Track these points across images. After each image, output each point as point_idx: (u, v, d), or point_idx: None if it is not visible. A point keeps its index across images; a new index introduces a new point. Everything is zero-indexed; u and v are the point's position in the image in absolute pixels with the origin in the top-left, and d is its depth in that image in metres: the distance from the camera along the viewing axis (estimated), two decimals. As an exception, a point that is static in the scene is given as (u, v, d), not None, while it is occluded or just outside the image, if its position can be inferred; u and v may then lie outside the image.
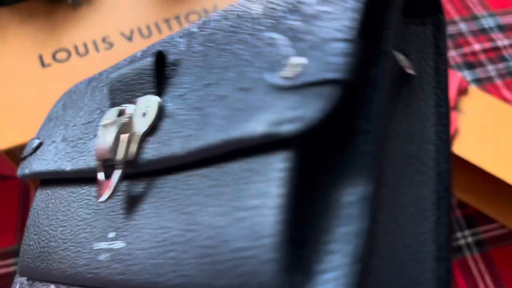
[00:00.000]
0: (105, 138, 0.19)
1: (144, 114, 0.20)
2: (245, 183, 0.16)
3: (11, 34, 0.48)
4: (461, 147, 0.44)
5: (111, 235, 0.20)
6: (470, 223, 0.45)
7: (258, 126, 0.16)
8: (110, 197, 0.19)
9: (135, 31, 0.48)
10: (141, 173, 0.20)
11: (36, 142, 0.27)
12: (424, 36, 0.23)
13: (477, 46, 0.58)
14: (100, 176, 0.20)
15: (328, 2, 0.17)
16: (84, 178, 0.23)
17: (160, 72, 0.22)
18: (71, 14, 0.50)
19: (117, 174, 0.19)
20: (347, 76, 0.15)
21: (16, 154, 0.42)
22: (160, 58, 0.22)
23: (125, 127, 0.20)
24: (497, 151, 0.44)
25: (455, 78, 0.49)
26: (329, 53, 0.15)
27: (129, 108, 0.21)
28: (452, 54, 0.57)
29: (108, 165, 0.20)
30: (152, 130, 0.20)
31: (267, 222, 0.15)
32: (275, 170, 0.16)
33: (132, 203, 0.20)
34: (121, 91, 0.21)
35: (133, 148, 0.19)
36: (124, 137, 0.19)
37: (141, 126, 0.20)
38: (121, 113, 0.21)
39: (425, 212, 0.21)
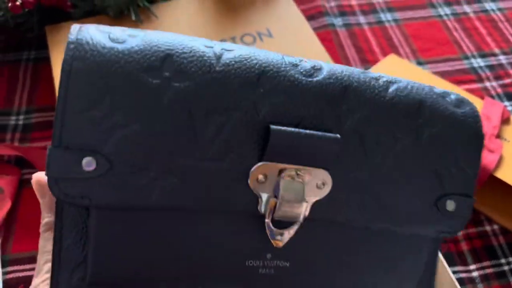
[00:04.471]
0: (289, 206, 0.24)
1: (319, 186, 0.24)
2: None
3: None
4: (505, 173, 0.45)
5: (268, 256, 0.25)
6: (513, 249, 0.46)
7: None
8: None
9: (193, 49, 0.51)
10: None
11: (91, 161, 0.22)
12: None
13: (517, 78, 0.59)
14: (268, 225, 0.24)
15: None
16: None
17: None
18: (132, 31, 0.53)
19: (295, 227, 0.24)
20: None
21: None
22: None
23: (302, 191, 0.24)
24: (542, 179, 0.44)
25: (499, 107, 0.51)
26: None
27: (303, 175, 0.24)
28: (493, 84, 0.58)
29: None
30: (324, 199, 0.25)
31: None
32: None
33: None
34: (287, 151, 0.24)
35: (308, 210, 0.25)
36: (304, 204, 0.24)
37: (316, 194, 0.25)
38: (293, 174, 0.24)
39: None
